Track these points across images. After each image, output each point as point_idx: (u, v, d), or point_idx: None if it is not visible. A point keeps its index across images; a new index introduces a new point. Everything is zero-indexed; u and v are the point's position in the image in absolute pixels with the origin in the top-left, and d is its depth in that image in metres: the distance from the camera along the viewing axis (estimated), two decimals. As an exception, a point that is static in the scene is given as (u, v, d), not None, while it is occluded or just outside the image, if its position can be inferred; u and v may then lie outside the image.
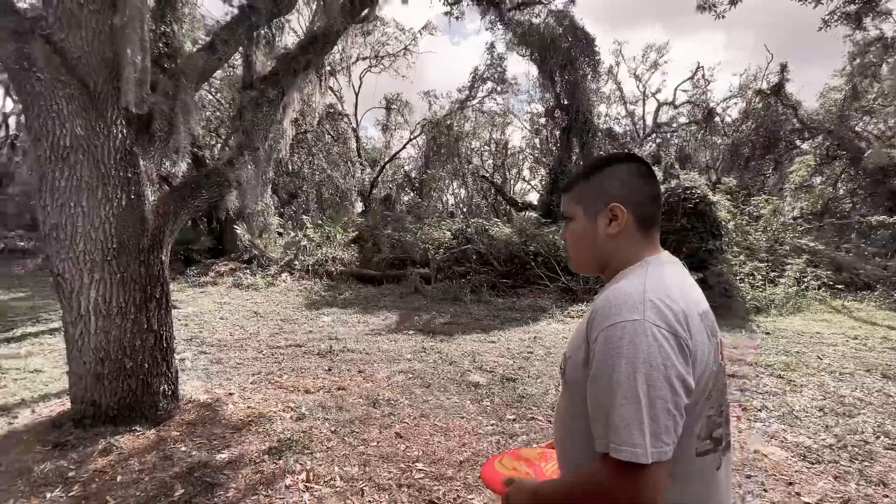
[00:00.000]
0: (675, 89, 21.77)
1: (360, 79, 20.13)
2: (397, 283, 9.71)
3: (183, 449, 2.61)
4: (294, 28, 14.48)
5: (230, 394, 3.59)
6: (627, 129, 24.71)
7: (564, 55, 16.61)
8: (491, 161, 24.81)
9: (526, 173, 26.26)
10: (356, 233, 12.34)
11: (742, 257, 9.59)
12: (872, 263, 10.13)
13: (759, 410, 3.48)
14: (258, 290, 9.08)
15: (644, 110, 24.19)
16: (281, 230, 13.04)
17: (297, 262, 10.67)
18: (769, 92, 18.45)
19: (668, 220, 9.65)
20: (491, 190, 22.90)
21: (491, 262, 9.57)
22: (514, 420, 3.31)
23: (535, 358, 4.89)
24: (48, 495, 2.14)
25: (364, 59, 18.88)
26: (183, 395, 3.22)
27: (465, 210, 23.14)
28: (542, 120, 23.06)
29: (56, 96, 2.41)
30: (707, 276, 8.62)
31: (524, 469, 1.05)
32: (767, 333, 6.11)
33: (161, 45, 3.66)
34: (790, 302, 8.08)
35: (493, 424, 3.23)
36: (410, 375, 4.24)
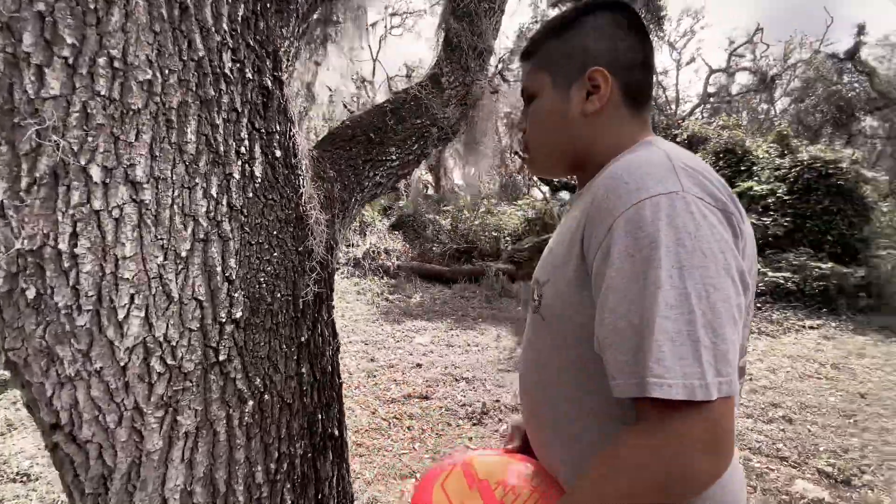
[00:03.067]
0: (730, 54, 19.61)
1: (380, 43, 17.80)
2: (473, 281, 7.83)
3: None
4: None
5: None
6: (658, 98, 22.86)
7: None
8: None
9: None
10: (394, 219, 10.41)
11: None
12: None
13: None
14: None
15: (678, 80, 22.34)
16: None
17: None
18: (843, 57, 16.54)
19: (804, 200, 7.99)
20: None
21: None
22: None
23: (865, 417, 3.12)
24: None
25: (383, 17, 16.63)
26: None
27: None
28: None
29: None
30: (868, 275, 6.94)
31: None
32: None
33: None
34: None
35: None
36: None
